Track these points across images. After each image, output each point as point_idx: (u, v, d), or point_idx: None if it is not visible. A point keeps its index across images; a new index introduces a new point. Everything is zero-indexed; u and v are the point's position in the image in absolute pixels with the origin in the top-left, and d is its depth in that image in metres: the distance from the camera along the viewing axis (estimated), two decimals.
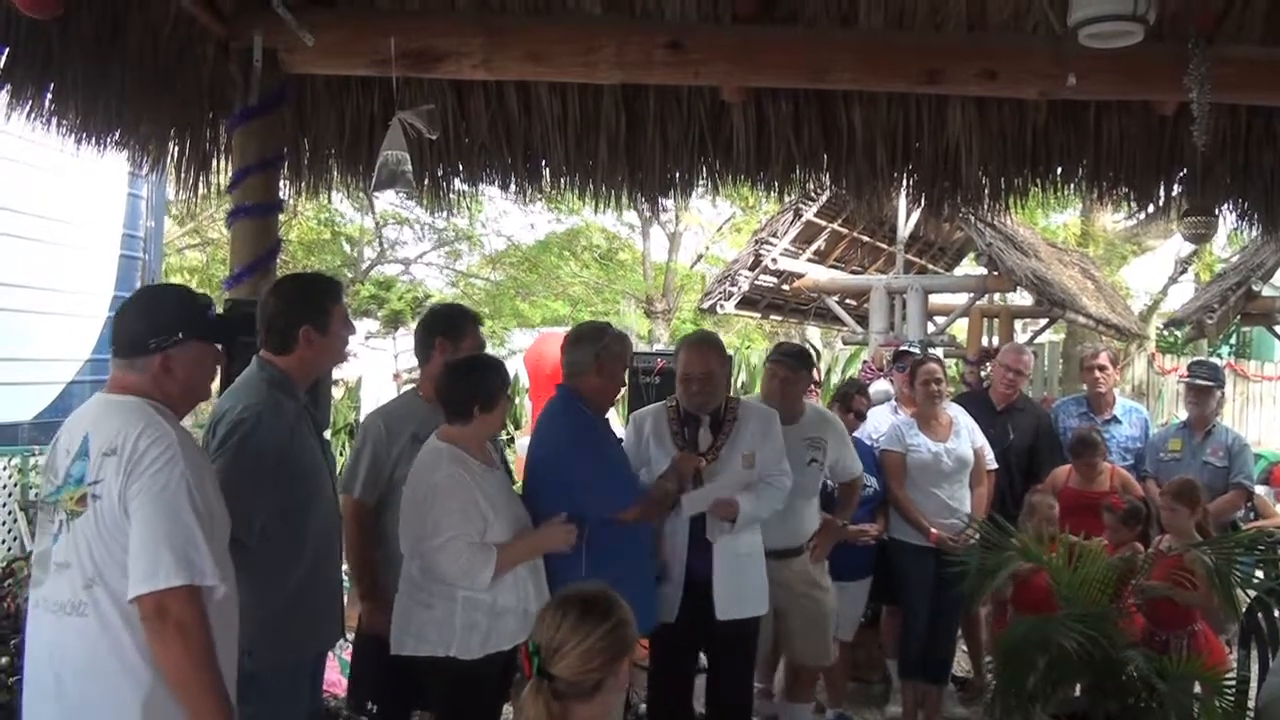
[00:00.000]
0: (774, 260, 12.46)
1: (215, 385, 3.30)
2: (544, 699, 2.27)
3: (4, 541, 7.35)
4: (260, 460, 3.20)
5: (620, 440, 4.63)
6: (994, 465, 6.01)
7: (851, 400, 6.09)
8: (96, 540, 2.62)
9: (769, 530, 4.70)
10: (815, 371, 5.65)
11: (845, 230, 13.32)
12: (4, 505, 7.42)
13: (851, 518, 5.48)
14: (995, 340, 12.81)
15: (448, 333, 4.31)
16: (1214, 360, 10.20)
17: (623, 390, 5.32)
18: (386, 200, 20.38)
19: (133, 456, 2.61)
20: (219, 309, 3.06)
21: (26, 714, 2.75)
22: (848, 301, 14.29)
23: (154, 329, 2.78)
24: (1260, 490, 7.00)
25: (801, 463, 4.97)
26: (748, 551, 4.56)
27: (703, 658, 4.78)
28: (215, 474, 2.84)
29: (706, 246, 26.41)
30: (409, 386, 4.69)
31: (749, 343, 25.13)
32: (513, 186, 6.03)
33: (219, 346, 2.94)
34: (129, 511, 2.59)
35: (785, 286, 13.54)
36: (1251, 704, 4.67)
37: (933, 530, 5.58)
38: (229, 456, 3.18)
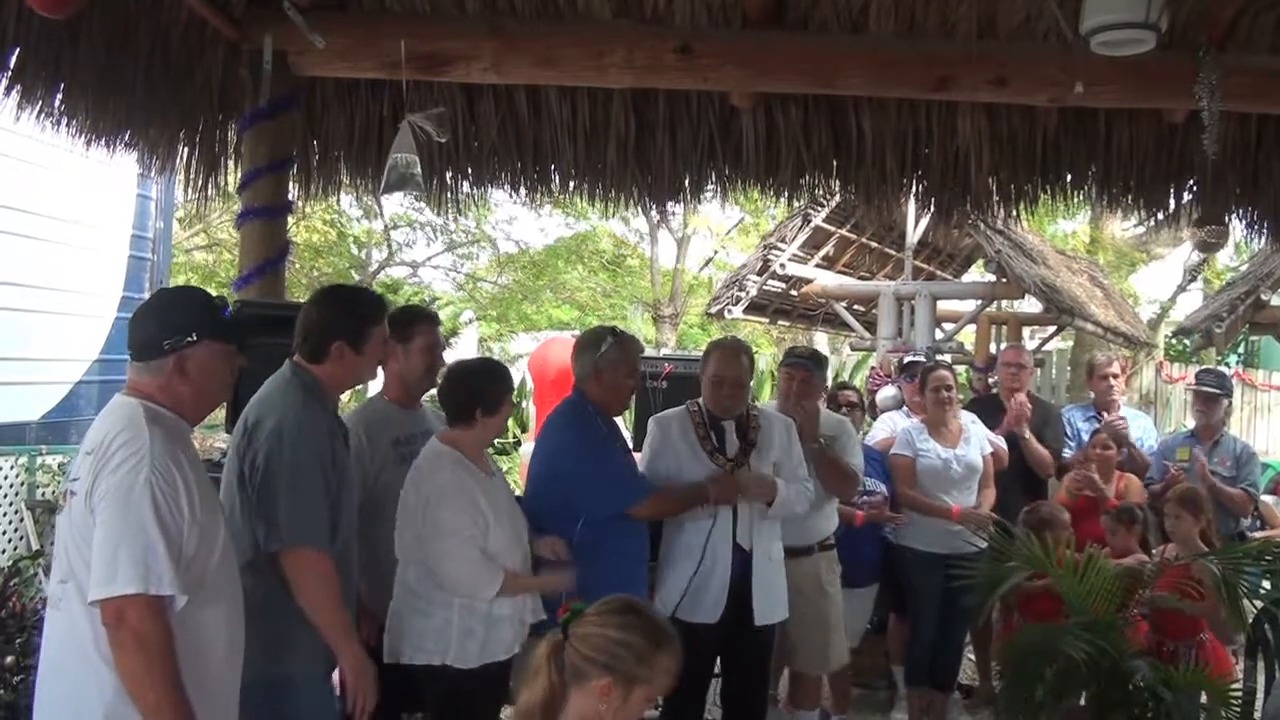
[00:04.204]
0: (782, 265, 12.45)
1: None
2: (553, 656, 2.29)
3: (11, 541, 7.36)
4: (308, 471, 3.17)
5: (624, 443, 4.60)
6: None
7: (837, 396, 6.11)
8: (69, 537, 2.62)
9: (783, 528, 4.73)
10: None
11: (854, 236, 13.32)
12: (11, 504, 7.44)
13: (862, 528, 5.51)
14: (1003, 347, 12.80)
15: (399, 334, 4.16)
16: (1222, 369, 10.17)
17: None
18: (396, 202, 20.41)
19: (104, 457, 2.58)
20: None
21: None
22: (856, 307, 14.28)
23: (168, 330, 2.75)
24: (1268, 500, 6.98)
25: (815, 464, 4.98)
26: (778, 558, 4.60)
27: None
28: (204, 484, 2.75)
29: (715, 251, 26.40)
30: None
31: (756, 348, 25.07)
32: (522, 190, 6.03)
33: (235, 348, 2.89)
34: (95, 513, 2.56)
35: (793, 292, 13.54)
36: (1257, 715, 4.66)
37: (955, 506, 5.57)
38: (277, 469, 3.15)
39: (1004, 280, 11.64)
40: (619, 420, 4.75)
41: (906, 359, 8.02)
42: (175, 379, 2.75)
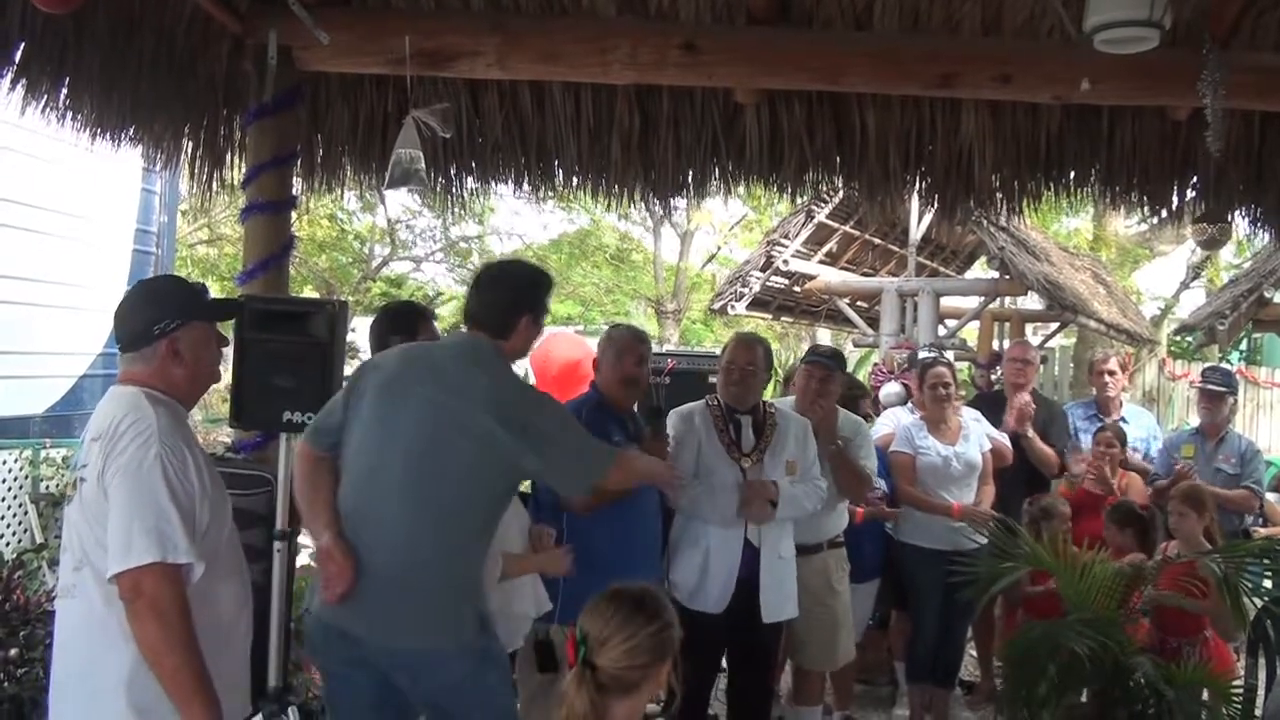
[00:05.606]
0: (785, 262, 12.45)
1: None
2: (587, 688, 2.26)
3: (15, 534, 7.37)
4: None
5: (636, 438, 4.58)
6: None
7: (858, 404, 6.11)
8: (82, 523, 2.68)
9: (793, 525, 4.73)
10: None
11: (857, 232, 13.32)
12: (15, 498, 7.45)
13: (863, 524, 5.51)
14: (1006, 344, 12.78)
15: (403, 332, 4.20)
16: (1226, 366, 10.16)
17: None
18: (398, 201, 20.40)
19: (113, 439, 2.65)
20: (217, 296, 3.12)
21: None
22: (859, 304, 14.27)
23: (156, 317, 2.82)
24: (1271, 497, 6.97)
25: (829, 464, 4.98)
26: (789, 555, 4.62)
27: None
28: (210, 465, 2.83)
29: (719, 246, 26.38)
30: None
31: None
32: (526, 186, 6.04)
33: (219, 329, 3.00)
34: (108, 493, 2.61)
35: (796, 288, 13.53)
36: (1258, 712, 4.66)
37: (955, 503, 5.57)
38: (559, 418, 3.36)
39: (1007, 277, 11.63)
40: None
41: (917, 355, 8.02)
42: (169, 362, 2.82)
